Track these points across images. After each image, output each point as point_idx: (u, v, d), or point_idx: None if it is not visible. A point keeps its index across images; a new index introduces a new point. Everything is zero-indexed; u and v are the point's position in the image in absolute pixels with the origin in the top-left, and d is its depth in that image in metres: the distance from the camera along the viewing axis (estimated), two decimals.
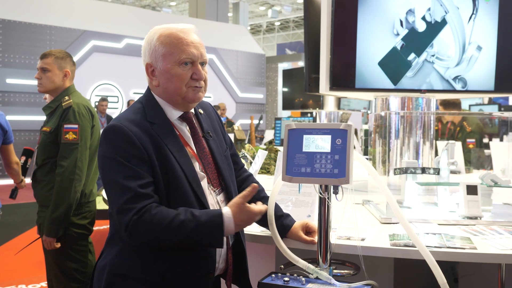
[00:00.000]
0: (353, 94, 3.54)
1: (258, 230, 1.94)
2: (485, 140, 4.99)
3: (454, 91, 2.86)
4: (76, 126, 2.81)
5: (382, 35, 2.78)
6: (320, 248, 1.59)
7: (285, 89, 7.91)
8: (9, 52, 11.37)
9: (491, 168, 3.15)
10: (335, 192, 1.53)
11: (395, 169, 2.54)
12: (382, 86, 2.82)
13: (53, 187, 2.77)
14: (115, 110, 13.28)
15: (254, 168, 3.06)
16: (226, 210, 1.50)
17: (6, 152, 3.25)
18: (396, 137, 2.89)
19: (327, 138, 1.51)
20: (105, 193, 1.65)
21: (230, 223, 1.49)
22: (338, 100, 5.87)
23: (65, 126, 2.80)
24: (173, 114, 1.66)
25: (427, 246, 1.63)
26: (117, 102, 13.60)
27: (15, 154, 3.32)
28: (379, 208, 2.31)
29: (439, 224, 2.12)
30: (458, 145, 3.83)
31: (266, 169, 3.89)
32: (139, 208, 1.46)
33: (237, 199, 1.52)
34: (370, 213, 2.36)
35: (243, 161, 3.05)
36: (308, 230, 1.80)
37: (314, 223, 1.80)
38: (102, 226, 5.55)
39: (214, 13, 18.42)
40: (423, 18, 2.78)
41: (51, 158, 2.83)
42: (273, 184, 1.80)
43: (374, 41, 2.79)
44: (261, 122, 13.94)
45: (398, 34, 2.78)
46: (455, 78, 2.84)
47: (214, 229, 1.48)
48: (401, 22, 2.78)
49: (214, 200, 1.66)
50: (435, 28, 2.79)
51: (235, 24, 21.46)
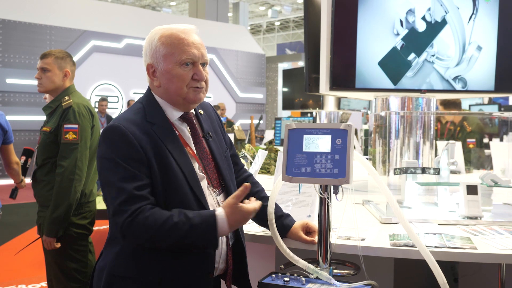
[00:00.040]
0: (353, 94, 3.54)
1: (258, 230, 1.94)
2: (485, 140, 4.98)
3: (454, 91, 2.86)
4: (76, 126, 2.81)
5: (382, 35, 2.78)
6: (320, 248, 1.59)
7: (285, 89, 7.91)
8: (9, 52, 11.37)
9: (491, 168, 3.15)
10: (335, 192, 1.53)
11: (395, 169, 2.54)
12: (382, 86, 2.81)
13: (53, 187, 2.77)
14: (115, 110, 13.29)
15: (254, 168, 3.06)
16: (220, 211, 1.50)
17: (6, 152, 3.25)
18: (396, 137, 2.89)
19: (327, 138, 1.51)
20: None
21: (224, 224, 1.49)
22: (338, 100, 5.87)
23: (65, 126, 2.80)
24: (174, 114, 1.66)
25: (427, 246, 1.63)
26: (117, 102, 13.61)
27: (15, 154, 3.32)
28: (379, 208, 2.31)
29: (439, 224, 2.12)
30: (458, 145, 3.83)
31: (266, 169, 3.89)
32: (133, 210, 1.47)
33: (230, 199, 1.52)
34: (370, 213, 2.36)
35: (243, 161, 3.05)
36: (308, 230, 1.80)
37: (314, 223, 1.80)
38: (102, 226, 5.55)
39: (214, 13, 18.42)
40: (423, 18, 2.78)
41: (51, 158, 2.83)
42: (273, 184, 1.80)
43: (374, 41, 2.78)
44: (261, 122, 13.94)
45: (398, 34, 2.78)
46: (455, 78, 2.84)
47: (207, 231, 1.47)
48: (401, 22, 2.78)
49: (214, 200, 1.66)
50: (435, 28, 2.79)
51: (235, 24, 21.46)
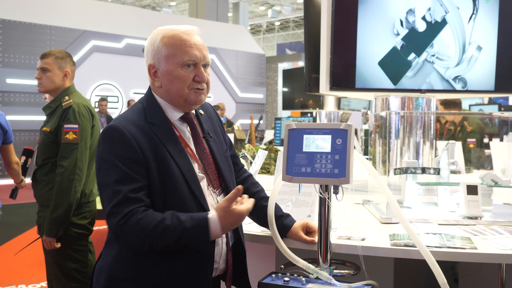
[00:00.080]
0: (353, 94, 3.54)
1: (258, 230, 1.94)
2: (485, 140, 4.98)
3: (454, 91, 2.86)
4: (76, 126, 2.81)
5: (382, 35, 2.78)
6: (320, 248, 1.59)
7: (285, 89, 7.91)
8: (9, 52, 11.37)
9: (491, 168, 3.15)
10: (335, 192, 1.53)
11: (395, 169, 2.54)
12: (382, 86, 2.81)
13: (53, 187, 2.77)
14: (115, 110, 13.29)
15: (254, 168, 3.06)
16: (212, 215, 1.49)
17: (6, 152, 3.25)
18: (396, 137, 2.89)
19: (327, 138, 1.51)
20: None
21: (216, 227, 1.48)
22: (338, 100, 5.87)
23: (65, 126, 2.80)
24: (174, 115, 1.66)
25: (427, 246, 1.62)
26: (117, 102, 13.61)
27: (15, 154, 3.32)
28: (379, 208, 2.31)
29: (439, 224, 2.12)
30: (458, 145, 3.83)
31: (266, 169, 3.89)
32: (126, 212, 1.47)
33: (223, 202, 1.50)
34: (370, 213, 2.36)
35: (243, 161, 3.05)
36: (308, 230, 1.80)
37: (314, 223, 1.80)
38: (102, 226, 5.54)
39: (214, 13, 18.42)
40: (423, 18, 2.78)
41: (51, 158, 2.83)
42: (273, 184, 1.80)
43: (374, 41, 2.78)
44: (261, 122, 13.94)
45: (398, 34, 2.78)
46: (455, 78, 2.84)
47: (200, 234, 1.47)
48: (401, 22, 2.77)
49: (215, 201, 1.65)
50: (435, 28, 2.79)
51: (235, 24, 21.46)
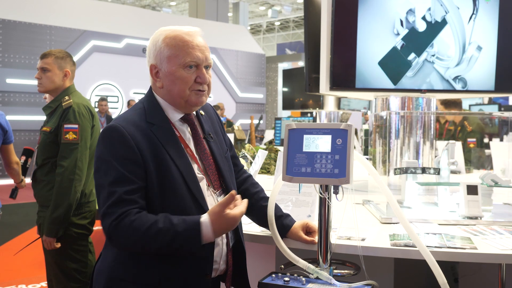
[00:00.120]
0: (353, 94, 3.54)
1: (258, 230, 1.94)
2: (485, 140, 4.98)
3: (454, 91, 2.86)
4: (76, 126, 2.81)
5: (382, 34, 2.78)
6: (321, 248, 1.59)
7: (285, 89, 7.91)
8: (9, 52, 11.37)
9: (491, 168, 3.15)
10: (335, 192, 1.53)
11: (395, 169, 2.53)
12: (382, 86, 2.81)
13: (53, 187, 2.76)
14: (115, 110, 13.30)
15: (254, 168, 3.06)
16: (205, 218, 1.48)
17: (6, 152, 3.25)
18: (396, 137, 2.89)
19: (328, 138, 1.51)
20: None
21: (208, 232, 1.47)
22: (338, 100, 5.87)
23: (65, 126, 2.79)
24: (175, 115, 1.66)
25: (427, 246, 1.62)
26: (117, 102, 13.61)
27: (15, 154, 3.32)
28: (379, 208, 2.31)
29: (439, 224, 2.12)
30: (458, 145, 3.83)
31: (266, 169, 3.89)
32: (119, 213, 1.47)
33: (216, 207, 1.49)
34: (371, 213, 2.36)
35: (243, 161, 3.05)
36: (308, 230, 1.80)
37: (314, 223, 1.79)
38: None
39: (214, 13, 18.42)
40: (423, 18, 2.78)
41: (51, 158, 2.83)
42: (273, 184, 1.80)
43: (374, 41, 2.78)
44: (261, 122, 13.94)
45: (398, 34, 2.78)
46: (455, 78, 2.84)
47: (192, 238, 1.46)
48: (401, 21, 2.77)
49: (215, 201, 1.65)
50: (435, 28, 2.79)
51: (235, 24, 21.46)
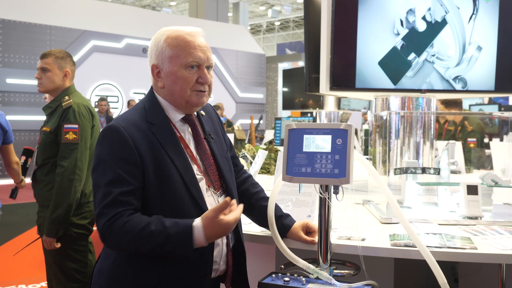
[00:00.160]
0: (353, 94, 3.54)
1: (258, 230, 1.94)
2: (485, 140, 4.98)
3: (454, 91, 2.86)
4: (76, 126, 2.81)
5: (382, 34, 2.78)
6: (321, 248, 1.59)
7: (285, 89, 7.91)
8: (9, 52, 11.37)
9: (491, 168, 3.15)
10: (336, 192, 1.53)
11: (395, 169, 2.53)
12: (382, 86, 2.81)
13: (53, 187, 2.76)
14: (115, 110, 13.30)
15: (254, 168, 3.06)
16: (197, 223, 1.47)
17: (6, 152, 3.25)
18: (396, 137, 2.89)
19: (328, 138, 1.50)
20: None
21: (200, 236, 1.46)
22: (338, 100, 5.87)
23: (65, 126, 2.79)
24: (176, 116, 1.66)
25: (427, 246, 1.62)
26: (117, 102, 13.61)
27: (15, 154, 3.32)
28: (379, 208, 2.31)
29: (439, 224, 2.12)
30: (458, 145, 3.83)
31: (266, 169, 3.89)
32: (113, 214, 1.47)
33: (209, 212, 1.48)
34: (371, 213, 2.35)
35: (243, 161, 3.05)
36: (308, 230, 1.80)
37: (314, 223, 1.79)
38: None
39: (214, 13, 18.42)
40: (424, 18, 2.78)
41: (51, 158, 2.83)
42: (273, 184, 1.80)
43: (374, 40, 2.78)
44: (261, 122, 13.94)
45: (398, 34, 2.78)
46: (455, 78, 2.84)
47: (183, 241, 1.45)
48: (401, 21, 2.77)
49: (216, 202, 1.65)
50: (435, 28, 2.79)
51: (235, 24, 21.46)
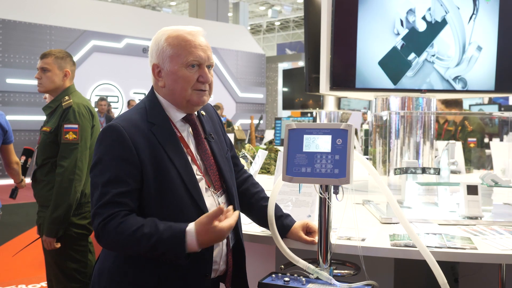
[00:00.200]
0: (353, 94, 3.54)
1: (258, 230, 1.94)
2: (485, 140, 4.98)
3: (454, 91, 2.86)
4: (76, 126, 2.81)
5: (382, 34, 2.78)
6: (321, 248, 1.59)
7: (285, 89, 7.91)
8: (9, 52, 11.37)
9: (491, 168, 3.15)
10: (336, 192, 1.53)
11: (395, 169, 2.53)
12: (382, 86, 2.81)
13: (53, 187, 2.76)
14: (115, 110, 13.30)
15: (254, 168, 3.06)
16: (190, 228, 1.46)
17: (6, 152, 3.25)
18: (396, 137, 2.89)
19: (328, 138, 1.50)
20: None
21: (193, 242, 1.45)
22: (338, 100, 5.87)
23: (65, 126, 2.79)
24: (176, 115, 1.66)
25: (427, 246, 1.62)
26: (117, 102, 13.61)
27: (15, 154, 3.32)
28: (379, 208, 2.31)
29: (439, 224, 2.12)
30: (458, 145, 3.83)
31: (266, 169, 3.89)
32: (108, 214, 1.47)
33: (203, 218, 1.46)
34: (371, 213, 2.35)
35: (243, 161, 3.05)
36: (308, 230, 1.80)
37: (314, 223, 1.79)
38: None
39: (214, 13, 18.42)
40: (424, 18, 2.78)
41: (51, 158, 2.83)
42: (273, 184, 1.80)
43: (374, 40, 2.78)
44: (261, 122, 13.94)
45: (398, 34, 2.78)
46: (455, 78, 2.83)
47: (175, 246, 1.45)
48: (401, 21, 2.77)
49: (216, 202, 1.65)
50: (435, 28, 2.79)
51: (235, 24, 21.46)
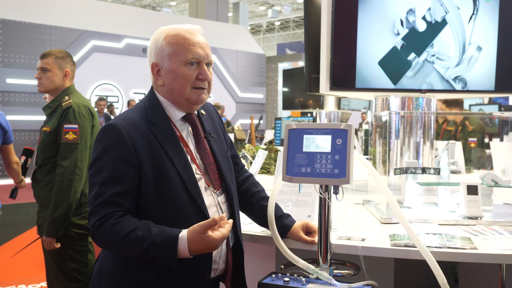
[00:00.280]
0: (353, 94, 3.54)
1: (258, 230, 1.94)
2: (485, 140, 4.98)
3: (454, 91, 2.86)
4: (76, 126, 2.81)
5: (382, 34, 2.78)
6: (321, 248, 1.58)
7: (285, 89, 7.92)
8: (9, 52, 11.37)
9: (491, 168, 3.15)
10: (335, 192, 1.53)
11: (395, 169, 2.53)
12: (382, 86, 2.81)
13: (53, 187, 2.76)
14: (115, 110, 13.28)
15: (254, 168, 3.06)
16: (183, 235, 1.46)
17: (6, 152, 3.25)
18: (396, 137, 2.89)
19: (328, 138, 1.50)
20: None
21: (185, 249, 1.45)
22: (338, 100, 5.87)
23: (65, 126, 2.79)
24: (176, 114, 1.66)
25: (427, 246, 1.62)
26: (117, 102, 13.62)
27: (15, 154, 3.32)
28: (379, 208, 2.31)
29: (439, 224, 2.12)
30: (458, 145, 3.83)
31: (266, 169, 3.89)
32: (103, 214, 1.48)
33: (196, 226, 1.45)
34: (371, 213, 2.35)
35: (243, 161, 3.05)
36: (308, 230, 1.80)
37: (314, 223, 1.79)
38: None
39: (214, 13, 18.42)
40: (424, 18, 2.78)
41: (51, 158, 2.83)
42: (273, 184, 1.80)
43: (374, 40, 2.78)
44: (261, 122, 13.94)
45: (398, 34, 2.78)
46: (455, 78, 2.83)
47: (167, 251, 1.45)
48: (401, 21, 2.77)
49: (215, 201, 1.65)
50: (435, 28, 2.79)
51: (235, 24, 21.46)
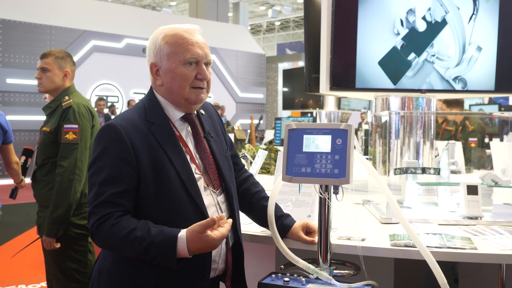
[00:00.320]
0: (353, 94, 3.54)
1: (258, 230, 1.94)
2: (486, 140, 4.98)
3: (454, 91, 2.86)
4: (76, 126, 2.81)
5: (382, 34, 2.78)
6: (320, 248, 1.58)
7: (285, 89, 7.92)
8: (9, 52, 11.38)
9: (492, 168, 3.15)
10: (335, 192, 1.53)
11: (395, 169, 2.53)
12: (382, 86, 2.81)
13: (53, 187, 2.76)
14: (116, 110, 13.28)
15: (254, 168, 3.06)
16: (182, 235, 1.46)
17: (6, 152, 3.25)
18: (396, 137, 2.89)
19: (327, 138, 1.50)
20: None
21: (184, 248, 1.45)
22: (338, 100, 5.87)
23: (65, 126, 2.79)
24: (175, 114, 1.66)
25: (427, 246, 1.62)
26: (117, 102, 13.62)
27: (15, 154, 3.32)
28: (379, 208, 2.31)
29: (439, 224, 2.12)
30: (458, 145, 3.83)
31: (266, 169, 3.89)
32: (103, 214, 1.48)
33: (195, 226, 1.45)
34: (371, 213, 2.35)
35: (243, 161, 3.05)
36: (308, 230, 1.80)
37: (314, 223, 1.79)
38: None
39: (214, 13, 18.43)
40: (424, 18, 2.78)
41: (51, 158, 2.83)
42: (273, 184, 1.80)
43: (374, 40, 2.78)
44: (261, 122, 13.95)
45: (398, 34, 2.78)
46: (455, 79, 2.83)
47: (167, 251, 1.45)
48: (401, 21, 2.77)
49: (215, 201, 1.65)
50: (435, 28, 2.79)
51: (235, 24, 21.46)
